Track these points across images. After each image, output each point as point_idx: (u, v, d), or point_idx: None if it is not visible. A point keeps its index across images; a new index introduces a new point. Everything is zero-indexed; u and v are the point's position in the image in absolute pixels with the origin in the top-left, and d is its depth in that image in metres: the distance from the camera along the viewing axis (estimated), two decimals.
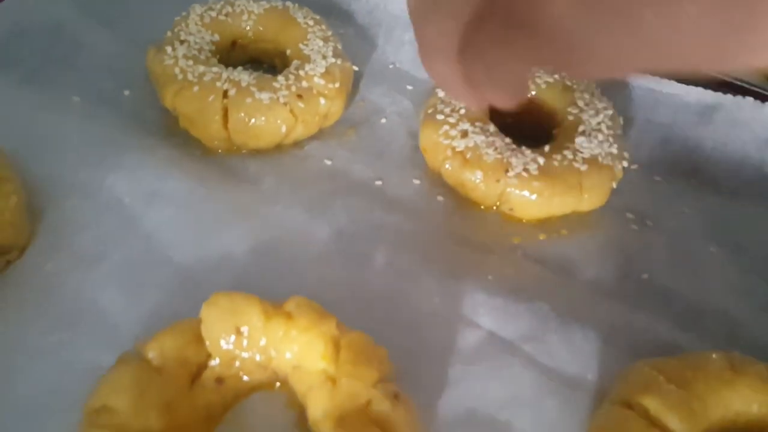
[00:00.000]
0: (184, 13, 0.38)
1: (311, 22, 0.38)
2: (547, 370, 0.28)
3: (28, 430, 0.25)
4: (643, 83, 0.37)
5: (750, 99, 0.36)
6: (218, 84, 0.34)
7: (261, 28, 0.38)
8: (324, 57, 0.36)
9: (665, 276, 0.32)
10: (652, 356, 0.26)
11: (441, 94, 0.35)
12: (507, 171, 0.32)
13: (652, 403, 0.24)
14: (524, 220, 0.33)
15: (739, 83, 0.38)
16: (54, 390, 0.25)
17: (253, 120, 0.33)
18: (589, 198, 0.32)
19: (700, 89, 0.36)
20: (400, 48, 0.41)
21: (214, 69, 0.34)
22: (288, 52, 0.37)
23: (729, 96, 0.37)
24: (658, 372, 0.25)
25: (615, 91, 0.38)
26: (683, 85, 0.37)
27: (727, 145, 0.36)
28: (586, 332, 0.29)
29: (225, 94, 0.34)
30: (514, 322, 0.29)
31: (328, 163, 0.35)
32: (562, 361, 0.28)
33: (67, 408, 0.24)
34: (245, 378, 0.27)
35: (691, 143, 0.36)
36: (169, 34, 0.37)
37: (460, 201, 0.34)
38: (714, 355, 0.25)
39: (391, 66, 0.41)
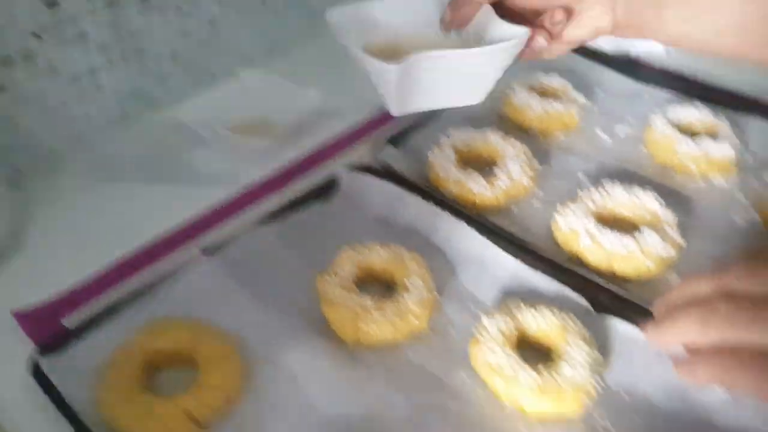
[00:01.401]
0: (339, 253, 0.61)
1: (414, 264, 0.61)
2: None
3: None
4: (622, 328, 0.57)
5: None
6: (352, 305, 0.56)
7: (384, 264, 0.61)
8: (418, 290, 0.59)
9: None
10: None
11: (485, 322, 0.56)
12: (517, 382, 0.52)
13: None
14: (530, 415, 0.52)
15: None
16: None
17: (369, 329, 0.56)
18: (569, 406, 0.50)
19: None
20: (469, 277, 0.62)
21: (352, 295, 0.58)
22: (397, 281, 0.60)
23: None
24: None
25: (601, 327, 0.57)
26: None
27: (669, 381, 0.54)
28: None
29: (356, 312, 0.57)
30: None
31: (412, 358, 0.56)
32: None
33: None
34: None
35: (648, 375, 0.54)
36: (330, 266, 0.61)
37: (488, 394, 0.53)
38: None
39: (462, 289, 0.61)
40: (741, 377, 0.34)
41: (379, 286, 0.62)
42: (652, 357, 0.54)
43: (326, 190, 0.71)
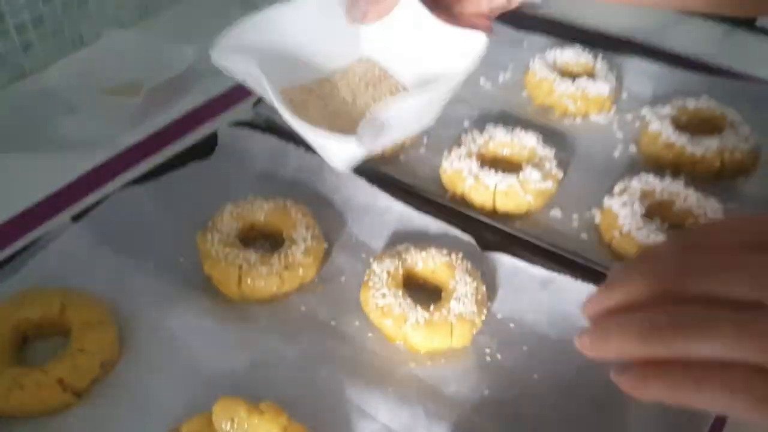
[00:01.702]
0: (220, 209, 0.59)
1: (300, 215, 0.59)
2: None
3: None
4: (507, 261, 0.58)
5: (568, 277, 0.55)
6: (236, 261, 0.55)
7: (269, 218, 0.60)
8: (305, 240, 0.57)
9: (501, 392, 0.49)
10: None
11: (374, 266, 0.56)
12: (406, 321, 0.52)
13: None
14: (421, 352, 0.53)
15: (573, 258, 0.58)
16: None
17: (255, 284, 0.54)
18: (457, 340, 0.51)
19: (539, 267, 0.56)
20: (361, 226, 0.62)
21: (235, 250, 0.56)
22: (284, 234, 0.59)
23: (559, 274, 0.55)
24: None
25: (488, 264, 0.58)
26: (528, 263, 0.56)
27: (555, 305, 0.55)
28: (441, 428, 0.46)
29: (240, 267, 0.55)
30: (399, 418, 0.47)
31: (303, 308, 0.55)
32: None
33: None
34: None
35: (534, 302, 0.55)
36: (210, 223, 0.58)
37: (381, 337, 0.53)
38: None
39: (353, 239, 0.61)
40: (696, 395, 0.28)
41: (265, 242, 0.60)
42: (535, 287, 0.55)
43: (204, 148, 0.68)
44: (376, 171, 0.65)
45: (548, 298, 0.54)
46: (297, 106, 0.49)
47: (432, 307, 0.52)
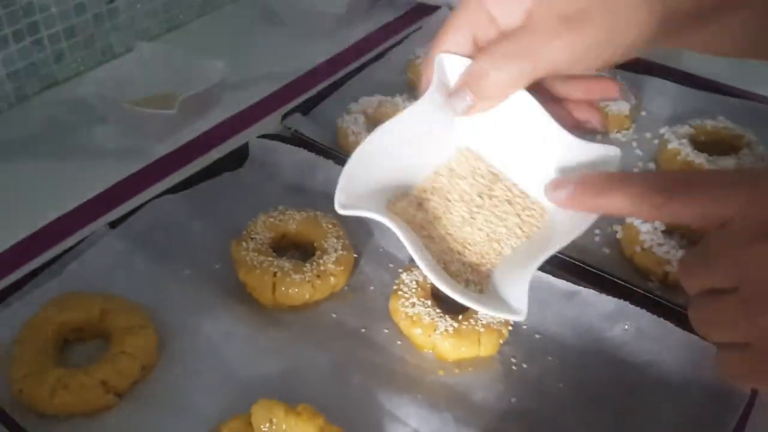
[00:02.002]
0: (254, 219, 0.60)
1: (330, 226, 0.61)
2: None
3: None
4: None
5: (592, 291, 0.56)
6: (270, 269, 0.57)
7: (300, 228, 0.61)
8: (335, 250, 0.59)
9: (527, 400, 0.51)
10: None
11: (403, 276, 0.57)
12: (435, 330, 0.53)
13: None
14: (449, 360, 0.55)
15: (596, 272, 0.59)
16: None
17: (288, 291, 0.56)
18: (485, 349, 0.53)
19: (563, 281, 0.58)
20: (388, 238, 0.64)
21: (269, 258, 0.58)
22: (315, 244, 0.61)
23: (583, 287, 0.56)
24: None
25: None
26: (551, 277, 0.58)
27: (580, 317, 0.56)
28: None
29: (274, 274, 0.57)
30: (429, 424, 0.49)
31: (334, 316, 0.57)
32: None
33: None
34: None
35: (559, 315, 0.56)
36: (244, 232, 0.60)
37: (410, 345, 0.55)
38: None
39: (381, 249, 0.63)
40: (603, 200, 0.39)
41: (296, 251, 0.62)
42: (560, 299, 0.57)
43: (236, 159, 0.70)
44: None
45: (573, 311, 0.56)
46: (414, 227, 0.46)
47: (460, 317, 0.54)
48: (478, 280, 0.45)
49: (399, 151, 0.46)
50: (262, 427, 0.47)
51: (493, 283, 0.44)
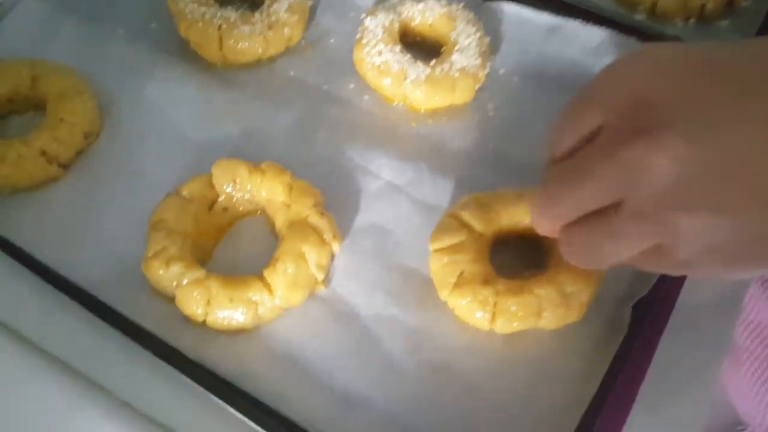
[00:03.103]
0: None
1: None
2: (419, 202, 0.44)
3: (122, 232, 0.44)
4: (510, 11, 0.54)
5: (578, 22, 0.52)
6: (214, 20, 0.50)
7: None
8: None
9: (506, 145, 0.48)
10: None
11: (367, 22, 0.51)
12: (406, 78, 0.49)
13: (464, 215, 0.42)
14: (421, 110, 0.50)
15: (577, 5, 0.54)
16: (133, 211, 0.44)
17: (238, 45, 0.50)
18: (460, 95, 0.49)
19: (546, 14, 0.52)
20: None
21: (212, 10, 0.51)
22: None
23: (568, 19, 0.52)
24: (474, 199, 0.43)
25: (490, 16, 0.54)
26: (534, 10, 0.52)
27: (563, 53, 0.52)
28: (445, 181, 0.46)
29: (219, 27, 0.50)
30: (403, 174, 0.47)
31: (291, 73, 0.52)
32: (429, 197, 0.45)
33: (141, 221, 0.43)
34: (240, 208, 0.45)
35: (540, 53, 0.52)
36: None
37: (378, 98, 0.51)
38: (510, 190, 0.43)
39: None
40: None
41: (242, 1, 0.55)
42: (542, 36, 0.52)
43: None
44: None
45: (556, 47, 0.51)
46: None
47: (433, 62, 0.49)
48: None
49: None
50: (224, 187, 0.43)
51: None
